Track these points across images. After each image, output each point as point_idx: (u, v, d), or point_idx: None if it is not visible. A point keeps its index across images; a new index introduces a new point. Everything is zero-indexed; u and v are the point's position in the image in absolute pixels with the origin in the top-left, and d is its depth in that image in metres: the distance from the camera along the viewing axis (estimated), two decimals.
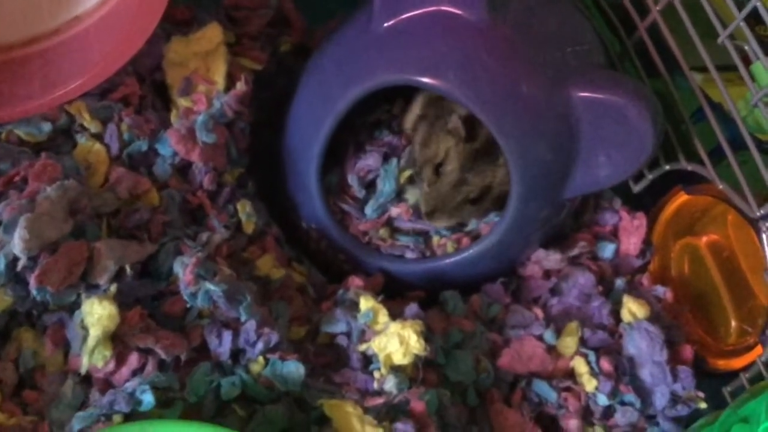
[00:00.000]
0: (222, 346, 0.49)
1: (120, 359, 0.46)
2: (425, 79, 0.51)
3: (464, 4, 0.50)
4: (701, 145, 0.55)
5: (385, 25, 0.52)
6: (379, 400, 0.48)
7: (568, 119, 0.51)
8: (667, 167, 0.57)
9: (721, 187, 0.53)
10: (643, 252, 0.61)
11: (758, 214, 0.49)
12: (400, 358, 0.50)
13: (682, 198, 0.60)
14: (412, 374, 0.51)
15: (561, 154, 0.52)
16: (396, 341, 0.50)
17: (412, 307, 0.53)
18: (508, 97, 0.51)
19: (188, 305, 0.49)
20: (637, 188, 0.60)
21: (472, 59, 0.51)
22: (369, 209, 0.58)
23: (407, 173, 0.57)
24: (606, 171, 0.52)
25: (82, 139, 0.53)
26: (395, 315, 0.53)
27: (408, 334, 0.50)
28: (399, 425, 0.47)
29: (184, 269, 0.49)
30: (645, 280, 0.60)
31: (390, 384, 0.49)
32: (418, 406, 0.49)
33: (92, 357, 0.45)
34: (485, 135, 0.53)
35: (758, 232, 0.50)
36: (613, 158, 0.52)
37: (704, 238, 0.60)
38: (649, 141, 0.50)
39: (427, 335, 0.52)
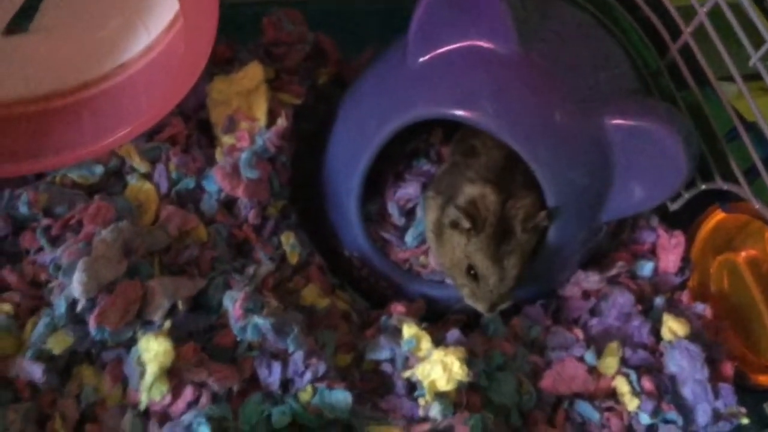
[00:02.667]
0: (272, 376, 0.51)
1: (176, 393, 0.48)
2: (460, 112, 0.52)
3: (496, 38, 0.51)
4: (736, 164, 0.56)
5: (420, 60, 0.54)
6: (426, 427, 0.50)
7: (602, 146, 0.52)
8: (704, 186, 0.57)
9: (757, 206, 0.53)
10: (682, 269, 0.61)
11: None
12: (443, 385, 0.52)
13: (719, 216, 0.60)
14: (456, 399, 0.52)
15: (596, 180, 0.53)
16: (439, 368, 0.52)
17: (454, 333, 0.55)
18: (542, 127, 0.52)
19: (238, 338, 0.51)
20: (674, 207, 0.60)
21: (506, 91, 0.52)
22: (409, 237, 0.59)
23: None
24: (641, 195, 0.53)
25: (132, 180, 0.55)
26: (438, 340, 0.55)
27: (451, 361, 0.52)
28: None
29: (233, 304, 0.51)
30: (684, 297, 0.60)
31: (435, 410, 0.51)
32: (463, 431, 0.50)
33: (150, 392, 0.47)
34: (491, 218, 0.52)
35: None
36: (648, 183, 0.52)
37: (743, 254, 0.61)
38: (684, 166, 0.51)
39: (469, 360, 0.53)
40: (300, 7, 0.64)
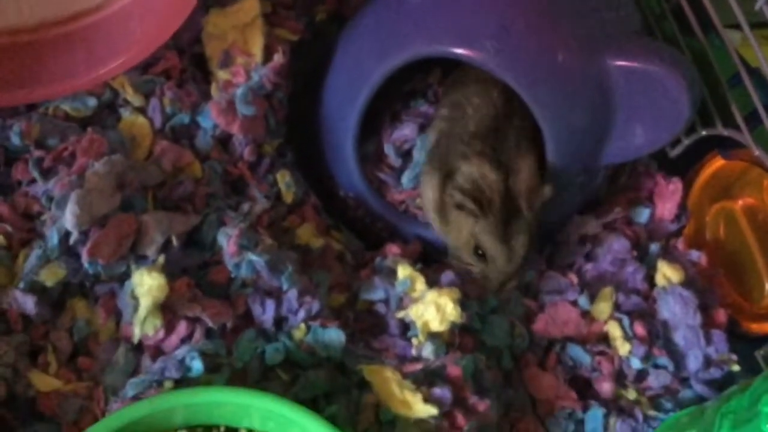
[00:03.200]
0: (265, 314, 0.50)
1: (169, 328, 0.48)
2: (460, 50, 0.51)
3: None
4: (738, 109, 0.55)
5: None
6: (417, 366, 0.50)
7: (604, 88, 0.51)
8: (704, 132, 0.57)
9: (757, 153, 0.53)
10: (678, 216, 0.61)
11: None
12: (437, 326, 0.52)
13: (718, 163, 0.60)
14: (449, 340, 0.52)
15: (596, 122, 0.53)
16: (433, 309, 0.52)
17: (448, 275, 0.55)
18: (544, 67, 0.51)
19: (232, 275, 0.51)
20: (673, 153, 0.60)
21: (507, 30, 0.51)
22: (405, 179, 0.59)
23: None
24: (641, 139, 0.52)
25: (126, 113, 0.54)
26: (432, 282, 0.55)
27: (444, 302, 0.52)
28: (437, 390, 0.49)
29: (227, 240, 0.50)
30: (680, 244, 0.60)
31: (428, 350, 0.51)
32: (454, 370, 0.50)
33: (143, 326, 0.47)
34: (496, 199, 0.51)
35: None
36: (649, 126, 0.52)
37: (740, 202, 0.61)
38: (685, 110, 0.51)
39: (463, 301, 0.53)
40: None
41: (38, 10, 0.51)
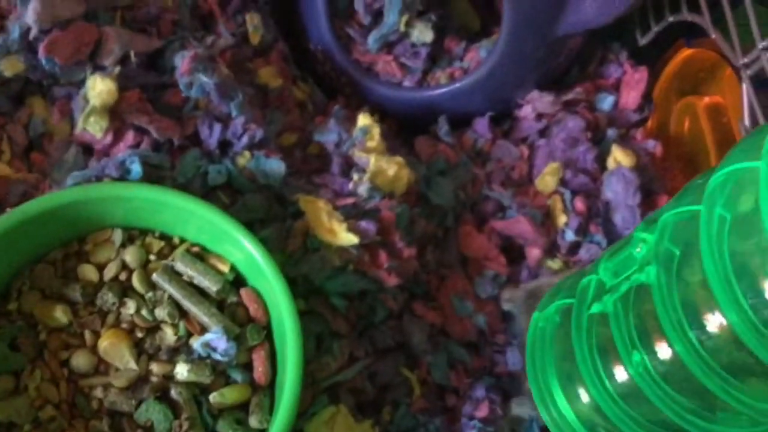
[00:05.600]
0: (212, 137, 0.53)
1: (117, 135, 0.51)
2: None
3: None
4: None
5: None
6: (350, 200, 0.52)
7: None
8: (671, 18, 0.57)
9: (714, 36, 0.53)
10: (642, 107, 0.61)
11: (741, 62, 0.49)
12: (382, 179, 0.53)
13: (685, 53, 0.60)
14: (390, 189, 0.54)
15: None
16: (383, 164, 0.53)
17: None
18: None
19: (183, 94, 0.53)
20: (643, 41, 0.60)
21: None
22: (371, 39, 0.60)
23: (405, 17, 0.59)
24: (596, 7, 0.53)
25: None
26: (388, 138, 0.56)
27: (396, 169, 0.53)
28: (362, 223, 0.51)
29: (182, 60, 0.53)
30: (639, 134, 0.61)
31: (363, 188, 0.53)
32: (387, 215, 0.52)
33: (87, 123, 0.50)
34: None
35: (740, 81, 0.50)
36: None
37: (706, 99, 0.60)
38: None
39: (413, 162, 0.55)
40: None
41: None
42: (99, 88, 0.50)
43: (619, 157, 0.57)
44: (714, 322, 0.35)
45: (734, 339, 0.34)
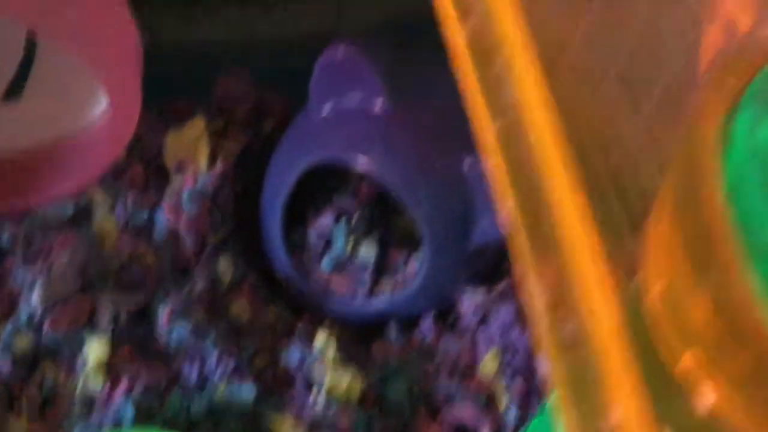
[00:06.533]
0: (192, 373, 0.63)
1: (114, 385, 0.61)
2: (349, 160, 0.64)
3: (369, 102, 0.63)
4: None
5: (318, 115, 0.66)
6: (310, 414, 0.61)
7: (464, 181, 0.63)
8: None
9: None
10: None
11: None
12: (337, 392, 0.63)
13: None
14: (346, 399, 0.63)
15: (463, 210, 0.64)
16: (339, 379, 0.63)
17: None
18: (418, 171, 0.63)
19: (164, 341, 0.64)
20: None
21: (386, 143, 0.63)
22: (324, 263, 0.70)
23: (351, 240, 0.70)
24: (498, 224, 0.63)
25: (98, 214, 0.69)
26: (348, 347, 0.66)
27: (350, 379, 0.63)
28: None
29: (163, 313, 0.64)
30: None
31: (321, 400, 0.62)
32: (344, 424, 0.61)
33: (87, 379, 0.60)
34: None
35: None
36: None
37: None
38: None
39: (368, 367, 0.65)
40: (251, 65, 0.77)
41: (20, 139, 0.66)
42: (95, 352, 0.61)
43: None
44: None
45: None
